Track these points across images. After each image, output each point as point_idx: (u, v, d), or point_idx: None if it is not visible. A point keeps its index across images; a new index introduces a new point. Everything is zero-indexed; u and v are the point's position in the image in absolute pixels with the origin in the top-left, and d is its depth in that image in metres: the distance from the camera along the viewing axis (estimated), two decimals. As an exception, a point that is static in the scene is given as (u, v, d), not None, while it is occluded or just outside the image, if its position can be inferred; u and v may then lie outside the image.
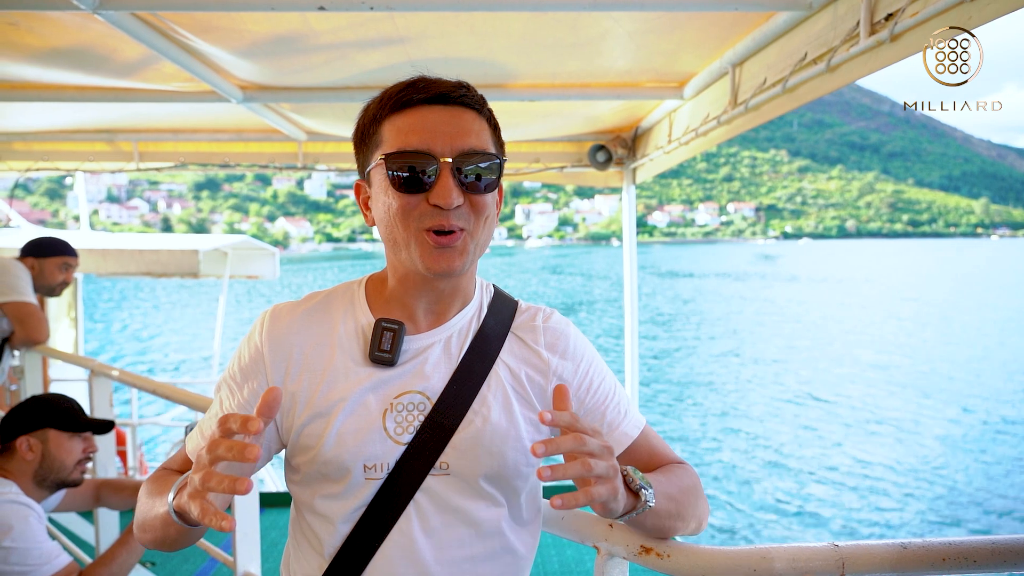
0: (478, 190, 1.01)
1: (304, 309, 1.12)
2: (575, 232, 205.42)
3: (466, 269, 1.04)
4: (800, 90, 2.33)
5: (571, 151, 4.51)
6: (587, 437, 0.91)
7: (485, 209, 1.03)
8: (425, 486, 1.04)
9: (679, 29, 2.60)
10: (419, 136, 1.00)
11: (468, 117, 1.04)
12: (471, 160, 1.01)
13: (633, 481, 1.00)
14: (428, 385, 1.07)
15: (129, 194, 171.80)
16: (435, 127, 1.01)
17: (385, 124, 1.04)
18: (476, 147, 1.01)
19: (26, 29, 2.44)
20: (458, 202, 0.99)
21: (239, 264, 6.10)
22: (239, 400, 1.09)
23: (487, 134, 1.05)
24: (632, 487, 0.99)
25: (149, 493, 1.07)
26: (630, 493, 0.99)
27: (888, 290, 48.18)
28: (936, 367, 21.73)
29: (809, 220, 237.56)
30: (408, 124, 1.02)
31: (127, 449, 4.96)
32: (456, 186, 0.99)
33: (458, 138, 1.01)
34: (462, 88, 1.04)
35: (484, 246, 1.07)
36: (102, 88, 3.20)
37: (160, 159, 4.51)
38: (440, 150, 1.00)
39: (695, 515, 1.14)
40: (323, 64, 2.85)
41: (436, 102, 1.02)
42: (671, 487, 1.10)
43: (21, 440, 2.10)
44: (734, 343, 27.41)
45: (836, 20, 2.08)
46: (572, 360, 1.15)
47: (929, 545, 1.10)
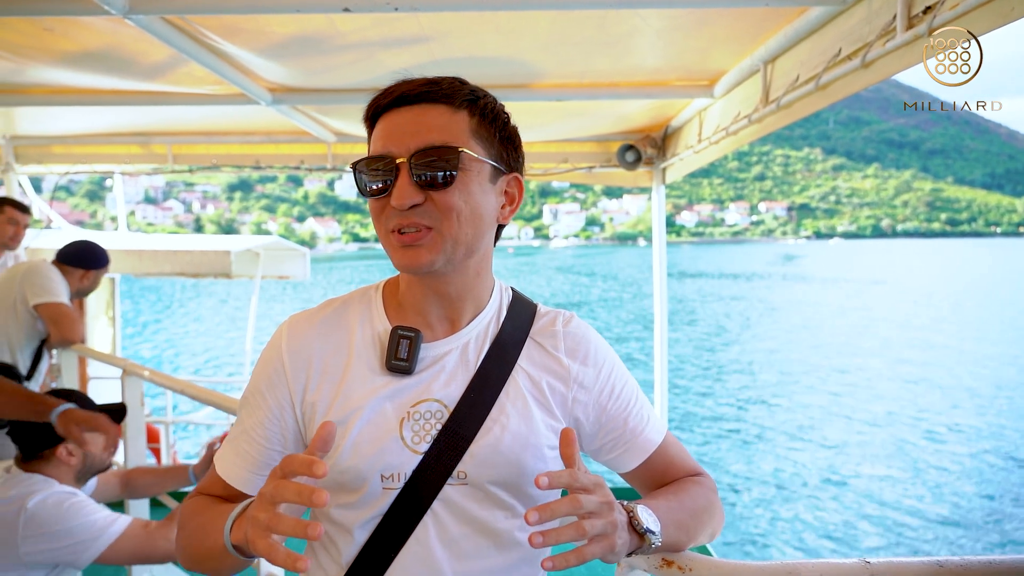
0: (437, 185, 0.98)
1: (321, 317, 1.11)
2: (602, 232, 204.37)
3: (439, 266, 1.01)
4: (834, 87, 2.27)
5: (600, 151, 4.47)
6: (584, 498, 0.89)
7: (451, 206, 0.99)
8: (443, 496, 1.03)
9: (709, 26, 2.55)
10: (382, 141, 1.01)
11: (433, 113, 1.00)
12: (427, 156, 0.98)
13: (639, 524, 0.97)
14: (445, 393, 1.05)
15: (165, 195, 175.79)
16: (395, 129, 1.00)
17: (371, 136, 1.05)
18: (434, 142, 0.98)
19: (60, 34, 2.49)
20: (414, 201, 0.97)
21: (271, 264, 6.17)
22: (263, 415, 1.08)
23: (460, 127, 1.01)
24: (638, 530, 0.97)
25: (198, 524, 1.06)
26: (635, 535, 0.97)
27: (898, 292, 46.48)
28: (938, 376, 20.71)
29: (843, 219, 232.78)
30: (378, 132, 1.02)
31: (160, 446, 5.05)
32: (411, 184, 0.97)
33: (416, 136, 0.98)
34: (429, 85, 1.01)
35: (469, 244, 1.03)
36: (136, 92, 3.26)
37: (193, 161, 4.58)
38: (396, 151, 0.99)
39: (707, 531, 1.12)
40: (348, 64, 2.86)
41: (399, 104, 1.01)
42: (682, 512, 1.07)
43: (62, 449, 2.14)
44: (714, 343, 26.78)
45: (871, 14, 2.02)
46: (593, 366, 1.13)
47: (968, 564, 1.04)
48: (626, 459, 1.15)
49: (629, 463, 1.15)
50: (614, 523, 0.91)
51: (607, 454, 1.15)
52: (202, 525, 1.05)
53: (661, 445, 1.16)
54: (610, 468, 1.18)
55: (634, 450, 1.14)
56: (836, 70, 2.19)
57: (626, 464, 1.15)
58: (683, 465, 1.18)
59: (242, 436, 1.09)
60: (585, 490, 0.90)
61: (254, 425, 1.08)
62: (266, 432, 1.08)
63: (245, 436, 1.09)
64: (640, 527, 0.96)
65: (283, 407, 1.07)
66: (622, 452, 1.14)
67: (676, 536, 1.04)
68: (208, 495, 1.13)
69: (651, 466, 1.15)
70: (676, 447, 1.19)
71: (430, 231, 0.99)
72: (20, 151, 4.51)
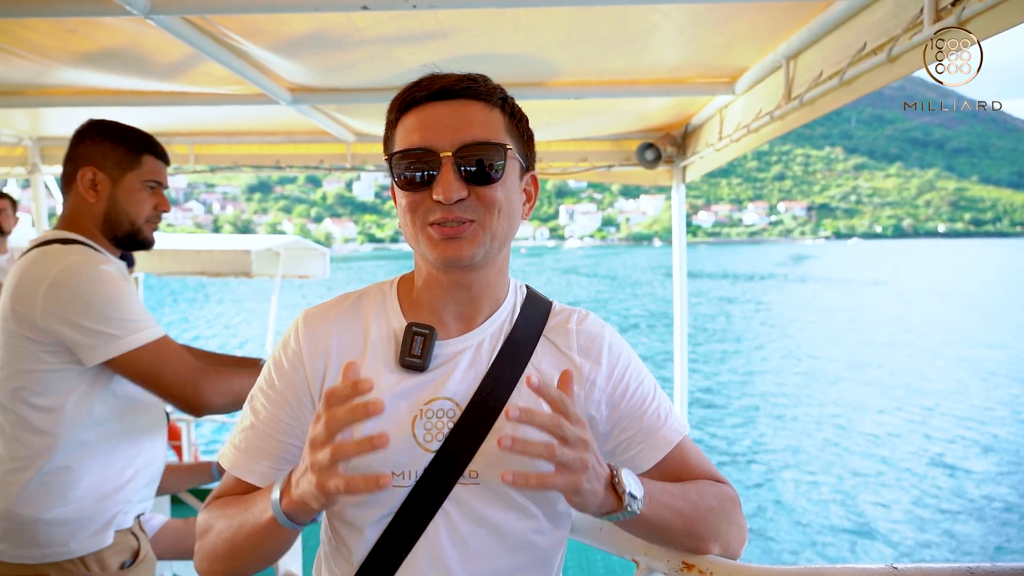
0: (483, 181, 1.00)
1: (338, 311, 1.11)
2: (617, 232, 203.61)
3: (478, 259, 1.02)
4: (858, 82, 2.23)
5: (619, 149, 4.43)
6: (565, 422, 0.89)
7: (495, 201, 1.01)
8: (454, 495, 1.02)
9: (731, 22, 2.52)
10: (421, 133, 1.00)
11: (474, 109, 1.02)
12: (473, 152, 1.00)
13: (619, 484, 0.95)
14: (458, 391, 1.05)
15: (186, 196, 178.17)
16: (437, 122, 1.01)
17: (397, 126, 1.04)
18: (479, 138, 1.00)
19: (84, 36, 2.52)
20: (460, 195, 0.98)
21: (291, 264, 6.21)
22: (280, 410, 1.08)
23: (498, 124, 1.03)
24: (617, 490, 0.96)
25: (226, 521, 1.05)
26: (613, 494, 0.95)
27: (894, 293, 45.52)
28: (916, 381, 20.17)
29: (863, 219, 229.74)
30: (413, 123, 1.02)
31: (182, 444, 5.10)
32: (458, 179, 0.98)
33: (460, 131, 1.00)
34: (467, 80, 1.03)
35: (503, 239, 1.04)
36: (157, 92, 3.29)
37: (214, 161, 4.62)
38: (441, 145, 0.99)
39: (715, 537, 1.08)
40: (366, 61, 2.86)
41: (439, 97, 1.02)
42: (683, 502, 1.05)
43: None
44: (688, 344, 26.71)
45: (898, 7, 1.97)
46: (606, 364, 1.12)
47: (999, 571, 1.01)
48: (641, 458, 1.12)
49: (644, 463, 1.13)
50: (585, 462, 0.90)
51: (622, 454, 1.13)
52: (232, 517, 1.04)
53: (678, 447, 1.13)
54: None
55: (649, 449, 1.12)
56: (861, 65, 2.15)
57: (641, 463, 1.13)
58: (697, 471, 1.15)
59: (256, 434, 1.09)
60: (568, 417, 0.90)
61: (270, 420, 1.08)
62: (283, 426, 1.08)
63: (260, 433, 1.09)
64: (620, 488, 0.95)
65: (301, 400, 1.07)
66: (637, 451, 1.12)
67: (670, 521, 1.02)
68: (229, 495, 1.12)
69: (667, 468, 1.13)
70: (696, 452, 1.17)
71: (472, 224, 1.00)
72: (46, 152, 4.58)
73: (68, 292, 1.68)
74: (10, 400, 1.75)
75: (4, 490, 1.75)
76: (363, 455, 0.85)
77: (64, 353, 1.72)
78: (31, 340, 1.71)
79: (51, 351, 1.72)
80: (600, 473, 0.93)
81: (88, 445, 1.77)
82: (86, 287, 1.69)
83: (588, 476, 0.90)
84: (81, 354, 1.71)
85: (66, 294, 1.68)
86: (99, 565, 1.78)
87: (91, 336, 1.69)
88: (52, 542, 1.74)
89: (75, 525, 1.76)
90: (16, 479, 1.74)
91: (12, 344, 1.74)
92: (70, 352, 1.72)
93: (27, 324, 1.70)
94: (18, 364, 1.73)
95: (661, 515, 1.01)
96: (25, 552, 1.74)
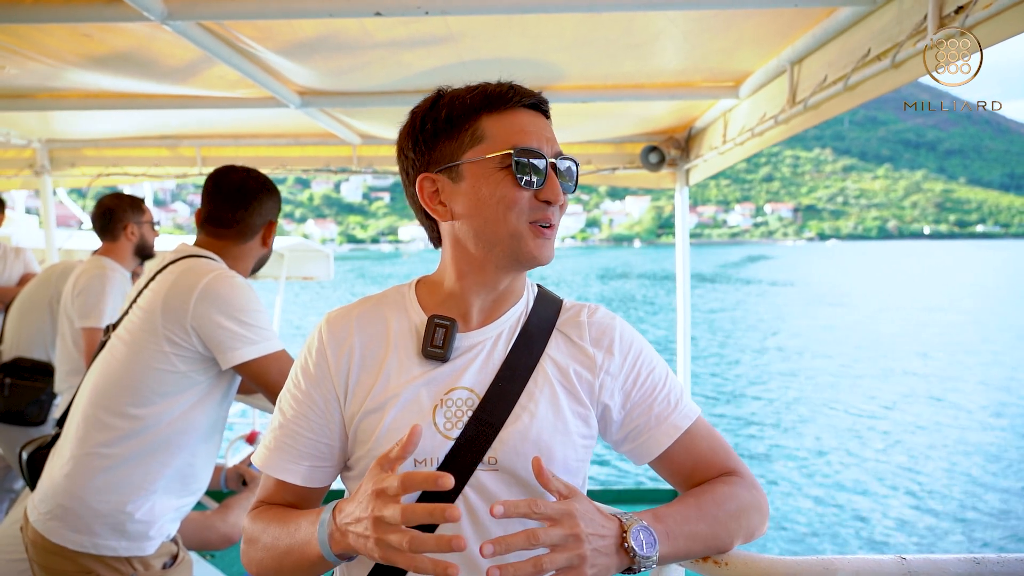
0: (568, 189, 1.11)
1: (360, 312, 1.16)
2: (599, 233, 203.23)
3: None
4: (862, 87, 2.27)
5: (623, 152, 4.48)
6: (544, 531, 0.90)
7: (566, 207, 1.13)
8: (474, 481, 1.06)
9: (736, 27, 2.56)
10: (532, 137, 1.08)
11: (549, 125, 1.14)
12: (565, 162, 1.10)
13: (631, 548, 0.96)
14: (476, 381, 1.10)
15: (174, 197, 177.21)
16: (540, 130, 1.10)
17: (485, 119, 1.08)
18: (562, 152, 1.12)
19: (99, 40, 2.55)
20: (562, 200, 1.09)
21: (295, 266, 6.23)
22: (309, 410, 1.12)
23: None
24: (629, 553, 0.96)
25: (272, 538, 1.09)
26: (624, 555, 0.96)
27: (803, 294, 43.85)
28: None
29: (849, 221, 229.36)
30: (519, 124, 1.08)
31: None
32: (559, 184, 1.09)
33: (552, 142, 1.11)
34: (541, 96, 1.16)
35: None
36: (167, 96, 3.32)
37: (221, 163, 4.64)
38: (547, 151, 1.09)
39: (737, 537, 1.10)
40: (375, 64, 2.89)
41: (532, 107, 1.12)
42: (702, 525, 1.06)
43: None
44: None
45: (902, 14, 2.02)
46: (619, 353, 1.16)
47: (1005, 561, 1.04)
48: (649, 446, 1.15)
49: (652, 451, 1.15)
50: (582, 556, 0.91)
51: (632, 442, 1.16)
52: (278, 539, 1.08)
53: (688, 433, 1.15)
54: (636, 461, 1.18)
55: (657, 436, 1.14)
56: (865, 70, 2.19)
57: (649, 451, 1.15)
58: (714, 458, 1.17)
59: (285, 432, 1.14)
60: (550, 520, 0.91)
61: (298, 419, 1.13)
62: (313, 426, 1.12)
63: (289, 432, 1.13)
64: (631, 551, 0.96)
65: (329, 401, 1.12)
66: (646, 439, 1.15)
67: (686, 546, 1.04)
68: (270, 503, 1.17)
69: (677, 455, 1.15)
70: (710, 438, 1.18)
71: (553, 228, 1.10)
72: (54, 154, 4.61)
73: (218, 297, 1.85)
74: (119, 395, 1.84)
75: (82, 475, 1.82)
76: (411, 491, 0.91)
77: (194, 360, 1.86)
78: (169, 340, 1.84)
79: (183, 355, 1.85)
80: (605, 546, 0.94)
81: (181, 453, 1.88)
82: (234, 294, 1.86)
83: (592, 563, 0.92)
84: (222, 354, 1.84)
85: (217, 298, 1.84)
86: (143, 565, 1.85)
87: (234, 338, 1.83)
88: (108, 535, 1.80)
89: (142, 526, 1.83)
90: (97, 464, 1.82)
91: (145, 342, 1.85)
92: (202, 358, 1.86)
93: (174, 323, 1.84)
94: (143, 361, 1.84)
95: (679, 547, 1.03)
96: (78, 538, 1.79)
